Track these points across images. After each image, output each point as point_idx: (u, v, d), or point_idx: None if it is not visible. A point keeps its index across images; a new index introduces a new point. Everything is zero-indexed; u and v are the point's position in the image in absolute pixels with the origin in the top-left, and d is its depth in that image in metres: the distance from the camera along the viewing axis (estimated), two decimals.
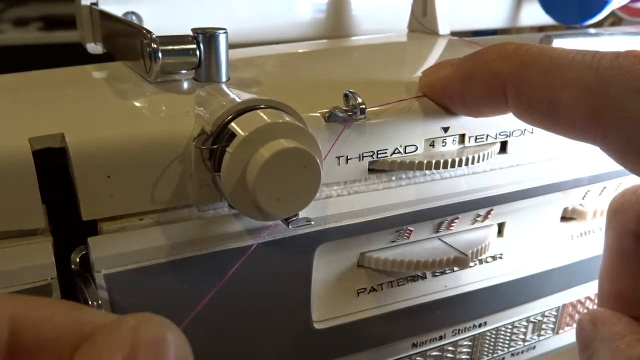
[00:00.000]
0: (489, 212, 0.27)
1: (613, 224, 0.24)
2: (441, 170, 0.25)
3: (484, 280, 0.29)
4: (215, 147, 0.20)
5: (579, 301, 0.34)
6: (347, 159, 0.23)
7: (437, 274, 0.28)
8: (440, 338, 0.30)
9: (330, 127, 0.22)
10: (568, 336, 0.35)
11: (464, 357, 0.31)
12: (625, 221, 0.23)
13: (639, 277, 0.23)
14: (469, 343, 0.31)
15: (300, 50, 0.38)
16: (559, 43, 0.31)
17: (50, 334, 0.14)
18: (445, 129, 0.25)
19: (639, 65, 0.18)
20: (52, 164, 0.20)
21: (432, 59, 0.35)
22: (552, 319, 0.34)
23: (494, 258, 0.30)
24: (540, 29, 0.56)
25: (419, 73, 0.25)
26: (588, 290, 0.33)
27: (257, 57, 0.34)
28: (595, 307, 0.27)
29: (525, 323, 0.33)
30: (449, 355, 0.31)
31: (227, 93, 0.22)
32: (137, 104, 0.23)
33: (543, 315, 0.33)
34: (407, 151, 0.24)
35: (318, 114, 0.22)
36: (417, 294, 0.27)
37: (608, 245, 0.24)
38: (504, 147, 0.27)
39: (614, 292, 0.24)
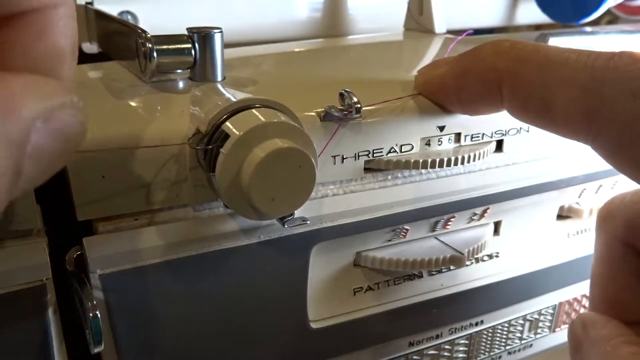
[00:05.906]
0: (485, 211, 0.27)
1: (602, 232, 0.24)
2: (437, 169, 0.25)
3: (480, 278, 0.29)
4: (210, 147, 0.19)
5: (575, 299, 0.34)
6: (343, 158, 0.23)
7: (433, 272, 0.28)
8: (437, 337, 0.30)
9: (326, 126, 0.22)
10: (565, 334, 0.35)
11: (460, 355, 0.31)
12: (613, 229, 0.23)
13: (628, 283, 0.23)
14: (466, 342, 0.31)
15: (296, 50, 0.38)
16: (555, 42, 0.31)
17: None
18: (441, 128, 0.25)
19: (634, 65, 0.18)
20: None
21: (428, 58, 0.35)
22: (549, 317, 0.34)
23: (490, 257, 0.30)
24: (537, 27, 0.56)
25: (415, 72, 0.25)
26: (584, 289, 0.33)
27: (253, 57, 0.34)
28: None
29: (521, 321, 0.33)
30: (446, 353, 0.31)
31: (223, 92, 0.22)
32: (132, 104, 0.23)
33: (540, 314, 0.33)
34: (402, 150, 0.24)
35: (313, 113, 0.22)
36: (413, 293, 0.27)
37: (598, 252, 0.24)
38: (499, 145, 0.27)
39: (604, 298, 0.24)
